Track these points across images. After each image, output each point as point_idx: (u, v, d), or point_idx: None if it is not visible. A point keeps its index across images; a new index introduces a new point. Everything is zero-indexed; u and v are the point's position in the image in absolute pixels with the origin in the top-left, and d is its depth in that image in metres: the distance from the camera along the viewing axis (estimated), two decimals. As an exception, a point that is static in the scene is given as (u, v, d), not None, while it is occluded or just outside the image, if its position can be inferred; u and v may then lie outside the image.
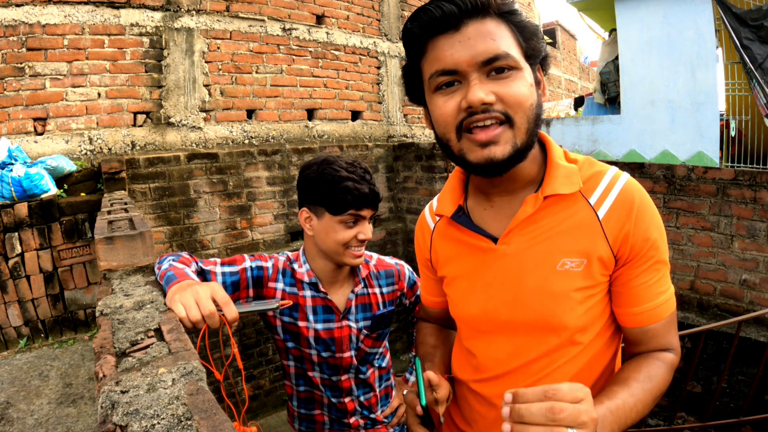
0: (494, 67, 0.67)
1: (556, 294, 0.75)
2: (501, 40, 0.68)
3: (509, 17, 0.70)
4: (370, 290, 1.29)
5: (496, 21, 0.69)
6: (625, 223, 0.73)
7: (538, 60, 0.74)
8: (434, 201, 0.94)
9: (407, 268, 1.38)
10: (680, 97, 5.24)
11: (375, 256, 1.36)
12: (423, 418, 0.85)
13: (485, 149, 0.68)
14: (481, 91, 0.66)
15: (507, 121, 0.68)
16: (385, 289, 1.32)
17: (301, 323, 1.24)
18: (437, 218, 0.91)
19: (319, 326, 1.24)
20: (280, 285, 1.24)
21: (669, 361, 0.78)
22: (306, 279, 1.23)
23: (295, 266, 1.25)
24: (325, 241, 1.19)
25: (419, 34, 0.71)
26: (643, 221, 0.73)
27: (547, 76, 0.78)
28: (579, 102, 8.54)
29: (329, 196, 1.15)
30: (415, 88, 0.78)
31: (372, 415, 1.35)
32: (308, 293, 1.24)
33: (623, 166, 3.25)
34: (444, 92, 0.71)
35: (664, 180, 2.98)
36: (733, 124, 5.16)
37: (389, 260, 1.37)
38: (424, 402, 0.81)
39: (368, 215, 1.19)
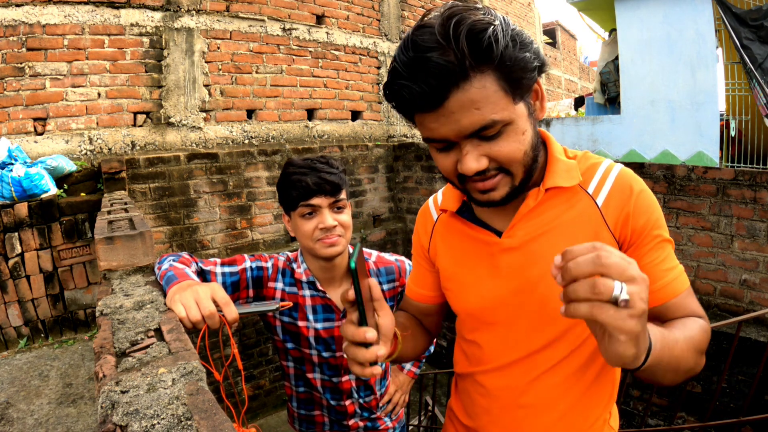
0: (484, 133, 0.65)
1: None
2: (486, 105, 0.62)
3: (493, 62, 0.61)
4: None
5: (478, 79, 0.61)
6: (624, 206, 0.75)
7: (533, 85, 0.69)
8: (439, 194, 0.95)
9: (408, 264, 1.38)
10: (680, 97, 5.24)
11: (374, 253, 1.36)
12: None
13: (485, 194, 0.72)
14: (473, 161, 0.66)
15: (503, 171, 0.70)
16: (385, 286, 1.31)
17: (300, 323, 1.23)
18: (441, 211, 0.92)
19: (319, 325, 1.24)
20: (279, 285, 1.24)
21: (701, 323, 0.74)
22: (304, 278, 1.23)
23: (294, 266, 1.26)
24: (299, 239, 1.21)
25: (403, 111, 0.69)
26: (641, 203, 0.75)
27: (547, 76, 0.76)
28: (579, 102, 8.54)
29: (284, 195, 1.20)
30: (412, 120, 0.77)
31: (373, 415, 1.35)
32: (307, 293, 1.24)
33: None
34: (440, 150, 0.71)
35: (664, 180, 2.98)
36: (733, 124, 5.16)
37: (389, 257, 1.36)
38: (353, 264, 0.60)
39: (324, 203, 1.17)
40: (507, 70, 0.62)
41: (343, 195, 1.20)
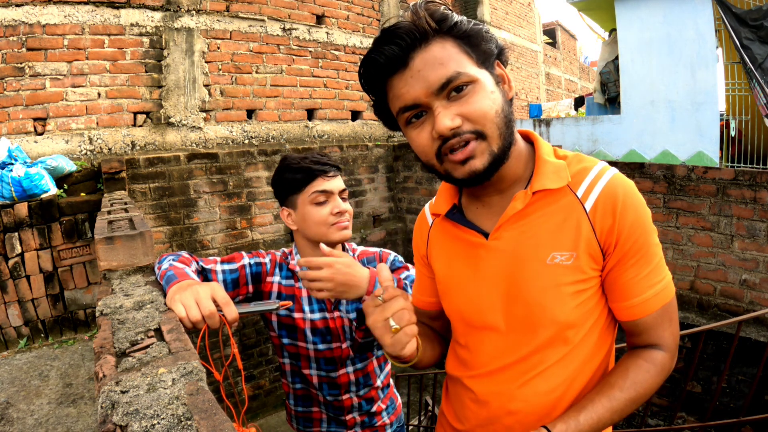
0: (451, 88, 0.69)
1: (546, 287, 0.75)
2: (449, 60, 0.69)
3: (451, 31, 0.70)
4: None
5: (439, 41, 0.70)
6: (610, 215, 0.74)
7: (493, 59, 0.74)
8: (433, 199, 0.96)
9: (392, 254, 1.38)
10: (680, 97, 5.24)
11: (359, 248, 1.37)
12: None
13: (465, 165, 0.71)
14: (446, 118, 0.69)
15: (479, 136, 0.70)
16: None
17: (297, 315, 1.25)
18: (434, 216, 0.93)
19: (315, 316, 1.25)
20: (276, 279, 1.26)
21: (659, 362, 0.78)
22: (298, 268, 1.24)
23: (289, 259, 1.28)
24: (308, 227, 1.22)
25: (374, 80, 0.74)
26: (627, 215, 0.73)
27: (547, 76, 0.76)
28: (579, 102, 8.55)
29: (288, 183, 1.22)
30: (391, 122, 0.81)
31: (372, 409, 1.35)
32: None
33: (623, 166, 3.25)
34: (414, 125, 0.74)
35: (664, 180, 2.98)
36: (733, 124, 5.16)
37: (373, 249, 1.38)
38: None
39: (335, 190, 1.22)
40: (464, 36, 0.71)
41: (344, 185, 1.26)
